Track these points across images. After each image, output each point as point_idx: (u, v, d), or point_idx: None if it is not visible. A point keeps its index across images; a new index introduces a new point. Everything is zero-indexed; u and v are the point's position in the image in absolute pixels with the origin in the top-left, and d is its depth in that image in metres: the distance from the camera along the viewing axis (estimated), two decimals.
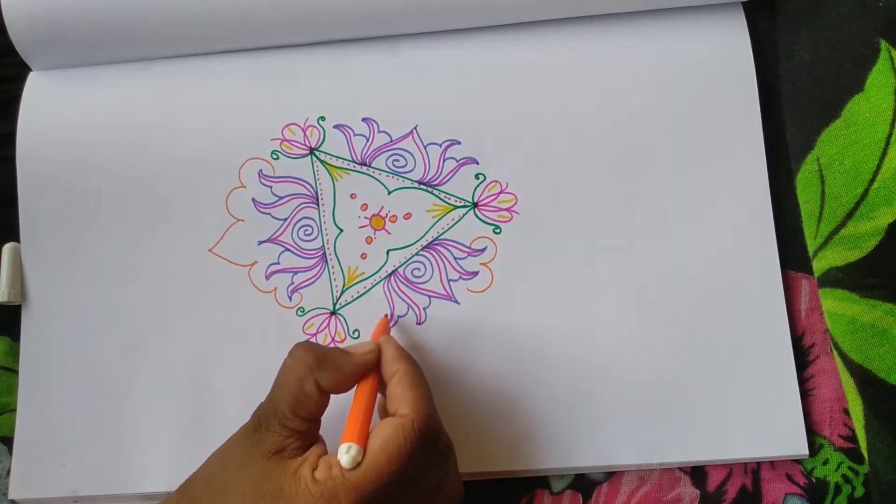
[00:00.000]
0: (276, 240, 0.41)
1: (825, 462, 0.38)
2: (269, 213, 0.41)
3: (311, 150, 0.42)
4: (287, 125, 0.42)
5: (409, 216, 0.41)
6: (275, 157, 0.42)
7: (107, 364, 0.41)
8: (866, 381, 0.35)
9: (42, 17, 0.40)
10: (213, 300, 0.41)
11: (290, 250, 0.41)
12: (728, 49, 0.41)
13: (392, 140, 0.41)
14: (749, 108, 0.41)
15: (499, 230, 0.41)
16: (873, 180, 0.35)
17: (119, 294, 0.41)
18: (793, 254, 0.40)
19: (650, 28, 0.41)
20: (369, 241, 0.41)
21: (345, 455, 0.31)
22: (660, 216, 0.40)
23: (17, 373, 0.41)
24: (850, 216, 0.35)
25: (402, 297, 0.41)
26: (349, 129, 0.42)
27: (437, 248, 0.41)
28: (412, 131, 0.41)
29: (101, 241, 0.42)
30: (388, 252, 0.41)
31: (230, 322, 0.41)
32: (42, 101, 0.42)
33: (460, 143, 0.41)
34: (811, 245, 0.38)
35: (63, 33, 0.40)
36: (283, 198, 0.42)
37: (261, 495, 0.31)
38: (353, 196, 0.41)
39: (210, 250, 0.41)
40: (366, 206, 0.41)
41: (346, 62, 0.42)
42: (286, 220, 0.41)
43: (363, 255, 0.41)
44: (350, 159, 0.41)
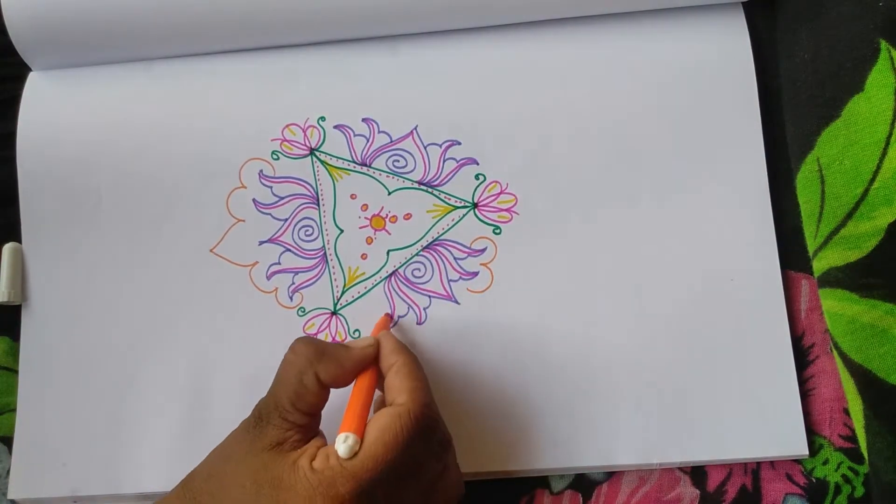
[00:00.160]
0: (277, 240, 0.41)
1: (825, 462, 0.38)
2: (270, 214, 0.41)
3: (312, 151, 0.42)
4: (287, 125, 0.42)
5: (409, 216, 0.41)
6: (275, 157, 0.42)
7: (107, 364, 0.41)
8: (866, 381, 0.35)
9: (42, 17, 0.40)
10: (213, 300, 0.41)
11: (290, 250, 0.41)
12: (728, 49, 0.41)
13: (392, 140, 0.41)
14: (749, 108, 0.41)
15: (499, 230, 0.41)
16: (873, 180, 0.35)
17: (119, 294, 0.41)
18: (793, 254, 0.40)
19: (650, 28, 0.41)
20: (370, 241, 0.41)
21: (342, 444, 0.31)
22: (660, 216, 0.40)
23: (17, 373, 0.41)
24: (850, 216, 0.35)
25: (402, 297, 0.41)
26: (349, 130, 0.42)
27: (438, 248, 0.41)
28: (412, 132, 0.41)
29: (101, 241, 0.42)
30: (388, 252, 0.41)
31: (231, 322, 0.41)
32: (42, 101, 0.42)
33: (460, 143, 0.41)
34: (811, 245, 0.38)
35: (63, 33, 0.40)
36: (283, 198, 0.42)
37: (260, 486, 0.31)
38: (353, 196, 0.41)
39: (211, 250, 0.41)
40: (366, 207, 0.41)
41: (346, 62, 0.42)
42: (287, 220, 0.41)
43: (363, 256, 0.41)
44: (350, 160, 0.41)
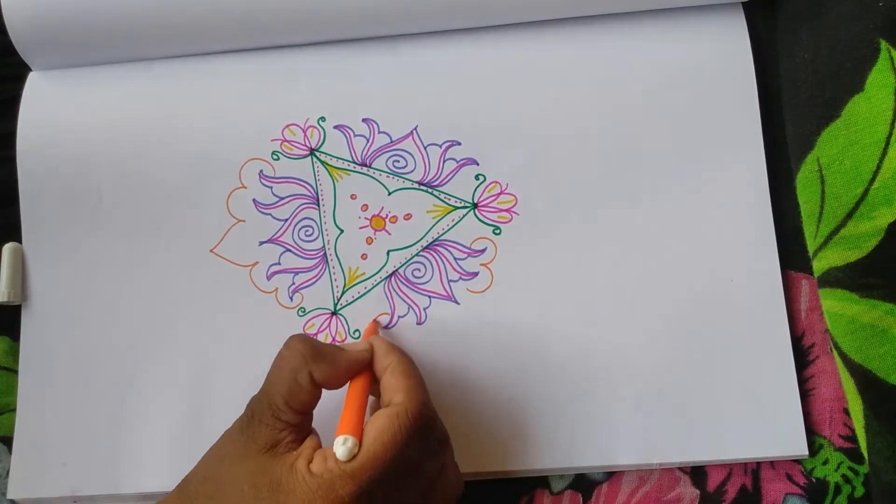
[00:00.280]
0: (277, 240, 0.41)
1: (825, 462, 0.38)
2: (270, 214, 0.41)
3: (312, 151, 0.42)
4: (287, 126, 0.42)
5: (409, 217, 0.41)
6: (275, 157, 0.42)
7: (107, 364, 0.41)
8: (866, 381, 0.35)
9: (42, 17, 0.40)
10: (213, 300, 0.41)
11: (290, 251, 0.41)
12: (728, 49, 0.41)
13: (392, 141, 0.41)
14: (749, 108, 0.41)
15: (499, 231, 0.41)
16: (873, 180, 0.35)
17: (119, 294, 0.41)
18: (793, 254, 0.40)
19: (650, 28, 0.41)
20: (370, 241, 0.41)
21: (341, 447, 0.31)
22: (659, 216, 0.40)
23: (17, 373, 0.41)
24: (850, 216, 0.35)
25: (402, 297, 0.41)
26: (349, 130, 0.42)
27: (438, 248, 0.41)
28: (412, 132, 0.41)
29: (101, 241, 0.42)
30: (388, 252, 0.41)
31: (231, 322, 0.41)
32: (42, 101, 0.42)
33: (460, 143, 0.41)
34: (811, 245, 0.38)
35: (63, 33, 0.40)
36: (283, 198, 0.42)
37: (258, 489, 0.31)
38: (353, 197, 0.41)
39: (211, 251, 0.41)
40: (366, 207, 0.41)
41: (346, 62, 0.42)
42: (287, 220, 0.41)
43: (364, 256, 0.41)
44: (350, 160, 0.41)
